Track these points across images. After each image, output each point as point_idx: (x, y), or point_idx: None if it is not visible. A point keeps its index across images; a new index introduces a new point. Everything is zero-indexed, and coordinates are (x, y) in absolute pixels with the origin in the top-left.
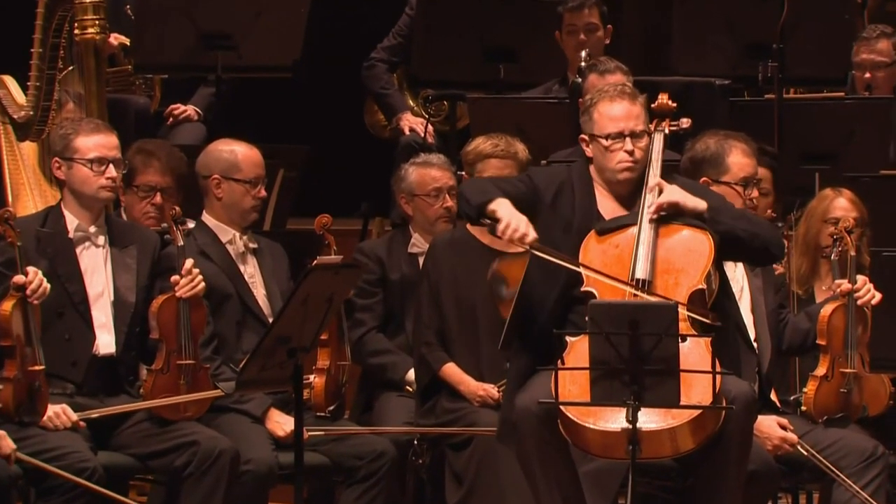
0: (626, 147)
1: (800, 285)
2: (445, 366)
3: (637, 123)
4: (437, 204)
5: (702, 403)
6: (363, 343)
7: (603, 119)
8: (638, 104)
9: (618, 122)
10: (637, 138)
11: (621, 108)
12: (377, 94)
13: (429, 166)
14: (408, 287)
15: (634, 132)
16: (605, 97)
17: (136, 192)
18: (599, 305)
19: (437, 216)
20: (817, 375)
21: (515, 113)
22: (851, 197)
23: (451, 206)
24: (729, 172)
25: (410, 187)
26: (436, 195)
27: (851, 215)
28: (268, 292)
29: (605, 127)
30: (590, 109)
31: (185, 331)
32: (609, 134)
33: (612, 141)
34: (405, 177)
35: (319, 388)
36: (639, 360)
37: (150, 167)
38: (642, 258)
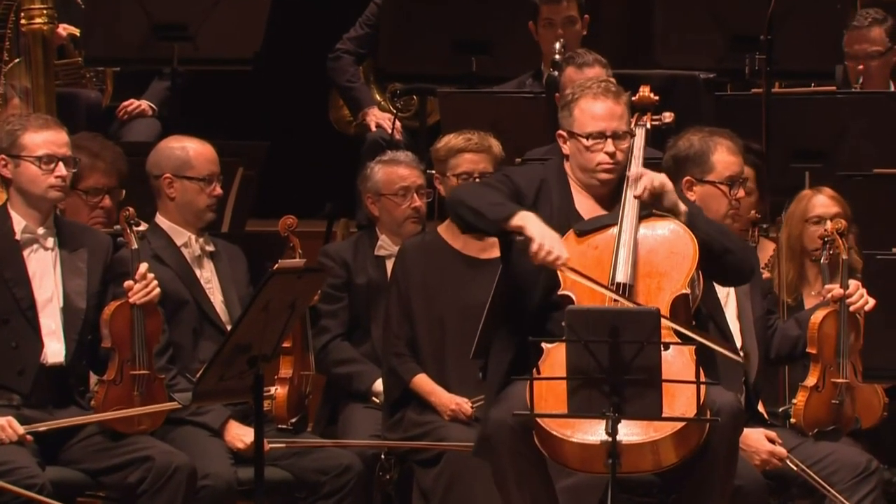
0: (606, 148)
1: (788, 293)
2: (416, 376)
3: (620, 124)
4: (404, 204)
5: (685, 415)
6: (328, 351)
7: (584, 116)
8: (622, 103)
9: (600, 122)
10: (619, 139)
11: (604, 106)
12: (342, 88)
13: (396, 164)
14: (374, 292)
15: (617, 133)
16: (587, 93)
17: (81, 196)
18: (577, 312)
19: (404, 217)
20: (807, 386)
21: (488, 108)
22: (831, 193)
23: (419, 207)
24: (714, 171)
25: (377, 186)
26: (403, 195)
27: (832, 211)
28: (226, 298)
29: (585, 125)
30: (570, 105)
31: (139, 339)
32: (590, 133)
33: (593, 141)
34: (371, 176)
35: (281, 398)
36: (619, 369)
37: (95, 169)
38: (623, 261)
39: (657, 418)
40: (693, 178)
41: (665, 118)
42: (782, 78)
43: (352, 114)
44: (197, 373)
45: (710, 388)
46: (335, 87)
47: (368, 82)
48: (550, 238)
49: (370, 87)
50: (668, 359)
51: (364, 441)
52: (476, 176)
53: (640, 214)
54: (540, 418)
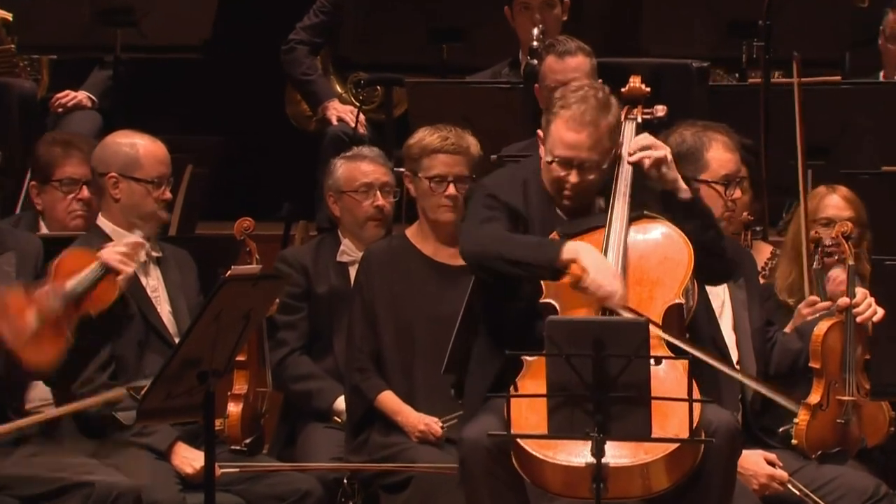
0: (570, 178)
1: (790, 296)
2: (382, 394)
3: (591, 154)
4: (366, 202)
5: (678, 436)
6: (285, 366)
7: (555, 139)
8: (601, 128)
9: (568, 150)
10: (585, 171)
11: (576, 138)
12: (299, 82)
13: (359, 160)
14: (337, 301)
15: (584, 164)
16: (564, 115)
17: (57, 187)
18: (558, 323)
19: (366, 216)
20: (810, 404)
21: (461, 99)
22: (847, 194)
23: (382, 206)
24: (708, 169)
25: (338, 183)
26: (365, 191)
27: (845, 214)
28: (174, 308)
29: (554, 146)
30: (550, 115)
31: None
32: (556, 157)
33: (558, 166)
34: (334, 172)
35: (235, 417)
36: (604, 385)
37: (70, 158)
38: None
39: (646, 439)
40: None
41: (657, 111)
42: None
43: (310, 108)
44: (142, 390)
45: (706, 407)
46: (290, 81)
47: (327, 73)
48: (604, 271)
49: (329, 78)
50: (659, 374)
51: (325, 464)
52: (450, 180)
53: (631, 216)
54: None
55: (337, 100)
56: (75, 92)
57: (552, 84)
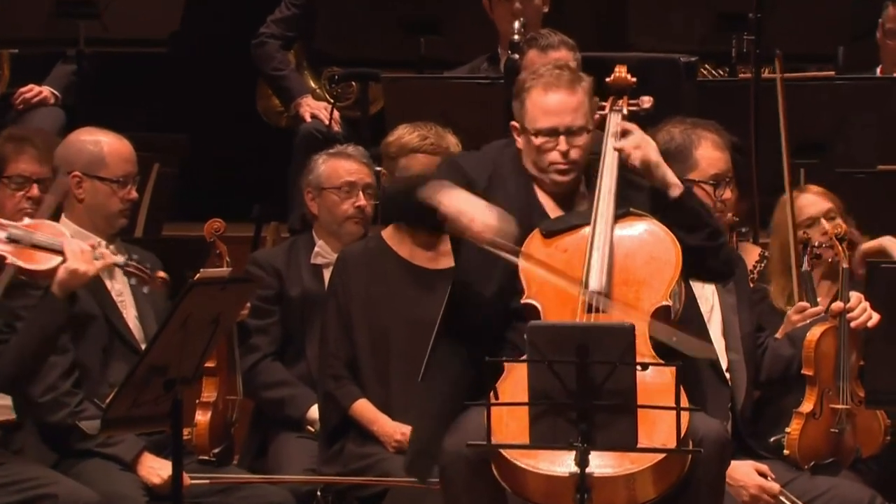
0: (559, 146)
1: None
2: (357, 402)
3: (575, 118)
4: (347, 201)
5: (665, 445)
6: (256, 373)
7: (535, 110)
8: (579, 92)
9: (551, 117)
10: (574, 136)
11: (557, 99)
12: (270, 77)
13: (343, 157)
14: (310, 305)
15: (571, 129)
16: (538, 83)
17: (7, 183)
18: (540, 328)
19: (345, 216)
20: (803, 412)
21: (439, 95)
22: (816, 189)
23: (363, 206)
24: (697, 169)
25: (318, 179)
26: (347, 191)
27: (825, 207)
28: (139, 313)
29: (536, 119)
30: (522, 94)
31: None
32: (540, 129)
33: (544, 138)
34: (315, 168)
35: (202, 426)
36: (588, 393)
37: (23, 154)
38: (597, 266)
39: (631, 449)
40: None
41: (643, 103)
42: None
43: (283, 105)
44: (106, 397)
45: (694, 415)
46: (262, 77)
47: (301, 68)
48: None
49: (303, 73)
50: (646, 381)
51: (297, 477)
52: None
53: (616, 213)
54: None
55: (310, 96)
56: (38, 87)
57: None
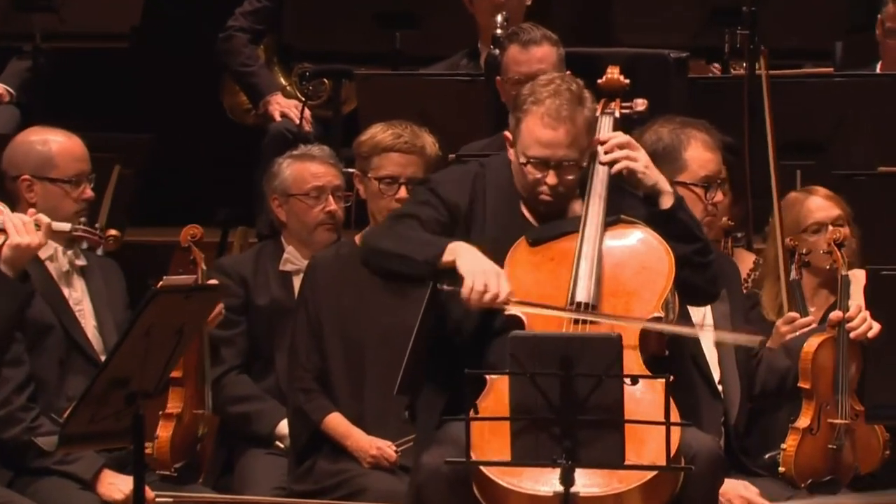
0: (548, 179)
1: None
2: (329, 416)
3: (569, 152)
4: (317, 207)
5: (654, 463)
6: (222, 386)
7: (528, 137)
8: (578, 123)
9: (543, 149)
10: (565, 170)
11: (552, 136)
12: (238, 74)
13: (309, 160)
14: (279, 314)
15: (562, 163)
16: (538, 110)
17: None
18: (522, 339)
19: (316, 222)
20: (799, 427)
21: (415, 93)
22: (826, 193)
23: (333, 211)
24: (687, 170)
25: (285, 186)
26: (316, 196)
27: (833, 214)
28: (99, 322)
29: (528, 146)
30: (519, 113)
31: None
32: (531, 158)
33: (534, 168)
34: (279, 172)
35: (164, 439)
36: (573, 407)
37: None
38: (585, 276)
39: (619, 467)
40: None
41: (637, 105)
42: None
43: (251, 103)
44: (64, 412)
45: (685, 431)
46: (228, 73)
47: (270, 64)
48: (485, 271)
49: (272, 69)
50: (635, 395)
51: (266, 497)
52: (402, 181)
53: (606, 221)
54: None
55: (280, 93)
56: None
57: (515, 77)
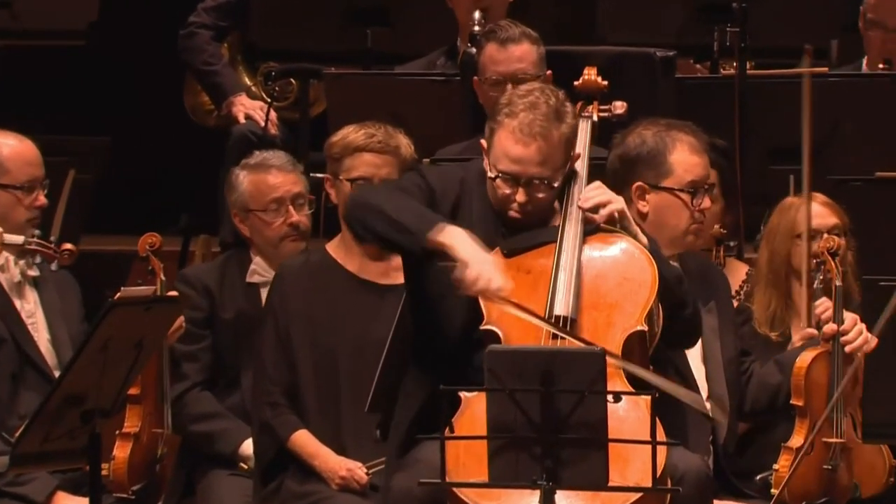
0: (517, 197)
1: (773, 328)
2: (296, 433)
3: (542, 170)
4: (277, 220)
5: (639, 484)
6: (184, 403)
7: (499, 150)
8: (553, 139)
9: (514, 165)
10: (535, 188)
11: (523, 152)
12: (200, 73)
13: (264, 170)
14: (245, 328)
15: (532, 181)
16: (511, 124)
17: None
18: (500, 353)
19: (279, 236)
20: (792, 447)
21: (388, 94)
22: (824, 200)
23: (297, 222)
24: (672, 175)
25: (243, 200)
26: (276, 209)
27: (830, 222)
28: (53, 336)
29: (498, 160)
30: (493, 124)
31: None
32: (501, 173)
33: (504, 182)
34: (237, 186)
35: (121, 460)
36: (554, 426)
37: None
38: (563, 289)
39: (602, 488)
40: (646, 185)
41: (615, 109)
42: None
43: (214, 103)
44: (16, 431)
45: (672, 450)
46: (190, 72)
47: (234, 62)
48: (485, 262)
49: (236, 68)
50: (619, 413)
51: None
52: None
53: (586, 230)
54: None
55: (245, 94)
56: None
57: (493, 77)
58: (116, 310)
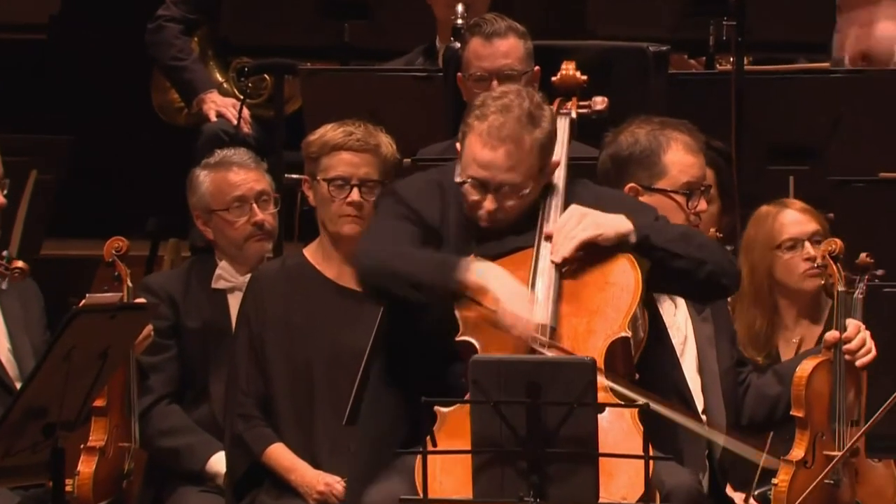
0: (486, 204)
1: (758, 349)
2: (271, 446)
3: (509, 176)
4: (241, 219)
5: (626, 500)
6: (150, 417)
7: (468, 156)
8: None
9: (480, 171)
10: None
11: (491, 157)
12: (169, 68)
13: (225, 168)
14: (213, 337)
15: (501, 187)
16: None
17: None
18: (484, 363)
19: (244, 236)
20: (792, 460)
21: (367, 91)
22: (802, 206)
23: (261, 221)
24: (666, 176)
25: (205, 201)
26: (238, 207)
27: (810, 228)
28: (14, 345)
29: (467, 165)
30: (465, 127)
31: None
32: (469, 177)
33: (472, 189)
34: (198, 187)
35: (86, 476)
36: (541, 439)
37: None
38: (542, 295)
39: None
40: (639, 186)
41: (595, 104)
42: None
43: (184, 101)
44: None
45: (661, 465)
46: (159, 67)
47: (205, 58)
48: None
49: (207, 63)
50: (602, 425)
51: None
52: (354, 183)
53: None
54: None
55: (216, 91)
56: None
57: (477, 73)
58: (80, 317)
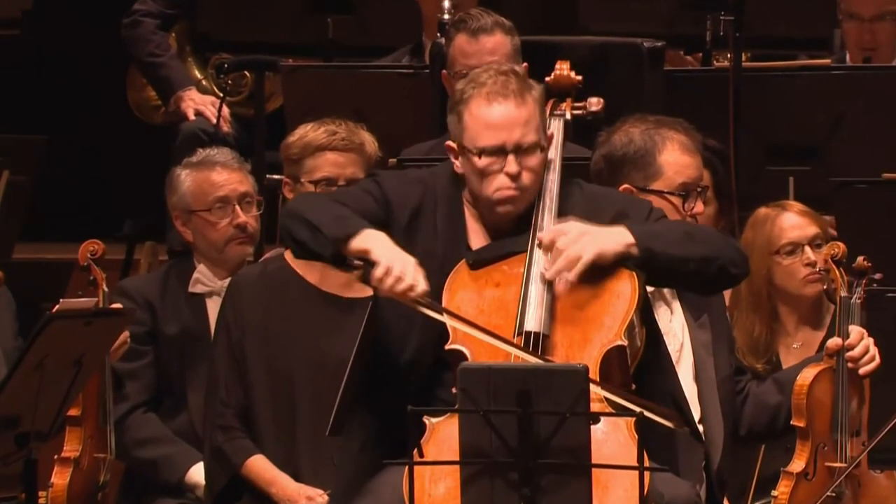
0: (508, 168)
1: (758, 356)
2: (251, 459)
3: (526, 133)
4: (223, 221)
5: None
6: (126, 427)
7: (476, 124)
8: (529, 103)
9: (496, 132)
10: (525, 154)
11: (502, 111)
12: (145, 65)
13: (207, 168)
14: (191, 343)
15: (521, 146)
16: (480, 91)
17: None
18: (474, 371)
19: (225, 238)
20: (793, 472)
21: (350, 88)
22: (802, 209)
23: (243, 223)
24: (661, 177)
25: (185, 201)
26: (221, 207)
27: (810, 232)
28: None
29: (478, 136)
30: (459, 107)
31: None
32: (484, 148)
33: (489, 159)
34: (177, 187)
35: (60, 487)
36: (532, 450)
37: None
38: (535, 303)
39: None
40: (633, 187)
41: (591, 105)
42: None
43: (161, 98)
44: None
45: (657, 477)
46: (135, 64)
47: (183, 54)
48: (401, 261)
49: (185, 60)
50: (598, 436)
51: None
52: (340, 183)
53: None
54: None
55: (195, 88)
56: None
57: (463, 70)
58: (54, 323)
